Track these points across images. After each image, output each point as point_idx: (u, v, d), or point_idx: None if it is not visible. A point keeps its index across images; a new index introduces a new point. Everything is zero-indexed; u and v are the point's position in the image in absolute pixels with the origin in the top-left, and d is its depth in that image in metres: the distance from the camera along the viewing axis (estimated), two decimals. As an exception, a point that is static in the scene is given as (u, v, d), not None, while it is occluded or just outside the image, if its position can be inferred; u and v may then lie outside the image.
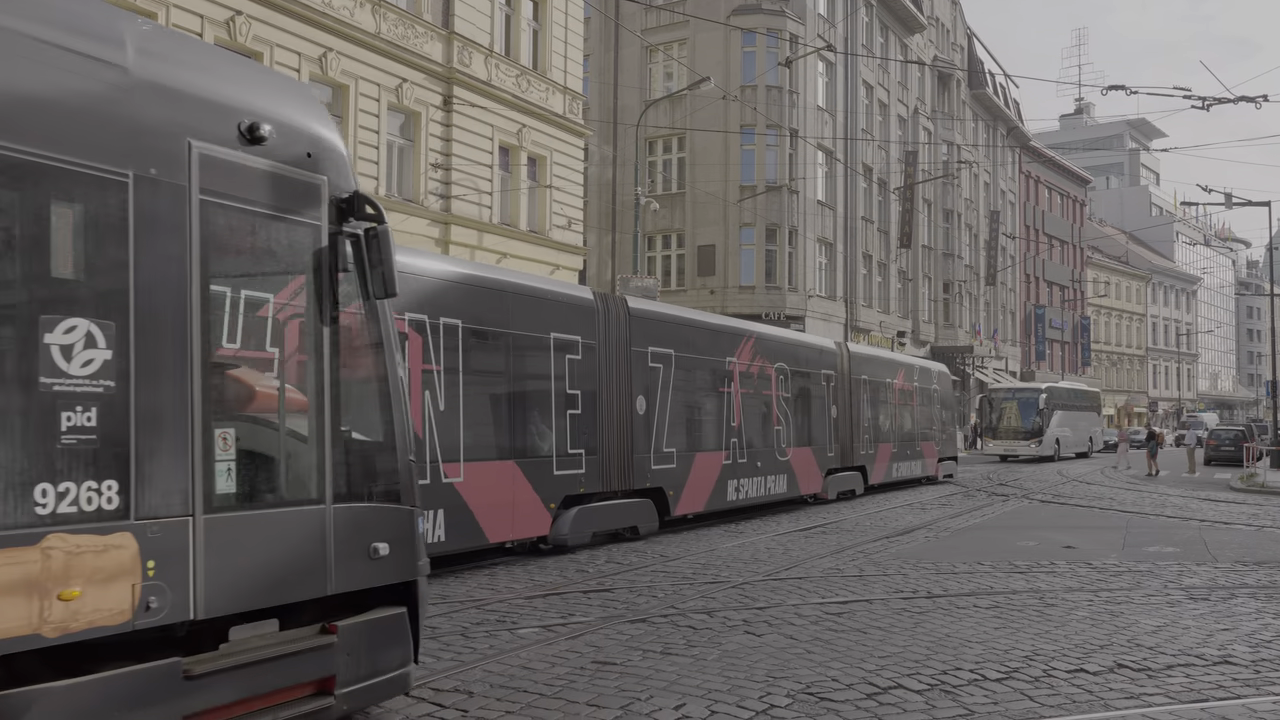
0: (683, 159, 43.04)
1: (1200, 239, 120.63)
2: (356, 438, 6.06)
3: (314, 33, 22.06)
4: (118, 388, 4.75)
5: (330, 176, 5.94)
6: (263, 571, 5.38)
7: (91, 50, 4.83)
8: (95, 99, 4.80)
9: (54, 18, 4.75)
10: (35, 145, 4.51)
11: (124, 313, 4.80)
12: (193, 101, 5.24)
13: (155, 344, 4.91)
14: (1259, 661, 8.11)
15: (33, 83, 4.57)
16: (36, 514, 4.41)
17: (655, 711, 6.77)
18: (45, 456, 4.47)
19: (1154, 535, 17.38)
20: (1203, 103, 22.68)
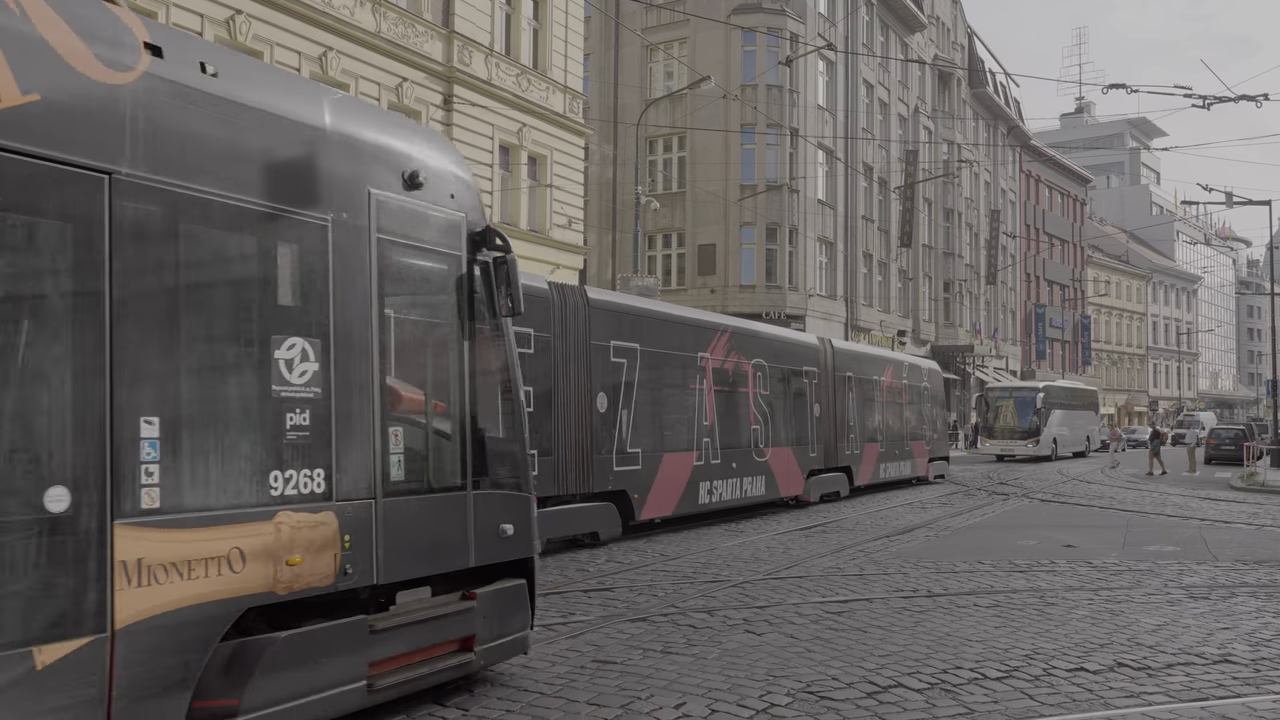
0: (683, 158, 43.05)
1: (1201, 238, 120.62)
2: (489, 435, 7.17)
3: (314, 32, 22.07)
4: (323, 394, 5.95)
5: (468, 213, 7.18)
6: (422, 545, 6.60)
7: (304, 118, 6.07)
8: (306, 158, 6.03)
9: (277, 93, 5.99)
10: (265, 198, 5.70)
11: (325, 333, 5.99)
12: (370, 155, 6.46)
13: (348, 358, 6.12)
14: (1259, 660, 8.12)
15: (266, 147, 5.76)
16: (271, 495, 5.63)
17: (656, 710, 6.77)
18: (276, 449, 5.68)
19: (1154, 534, 17.38)
20: (1203, 101, 22.67)
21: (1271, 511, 21.83)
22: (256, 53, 20.47)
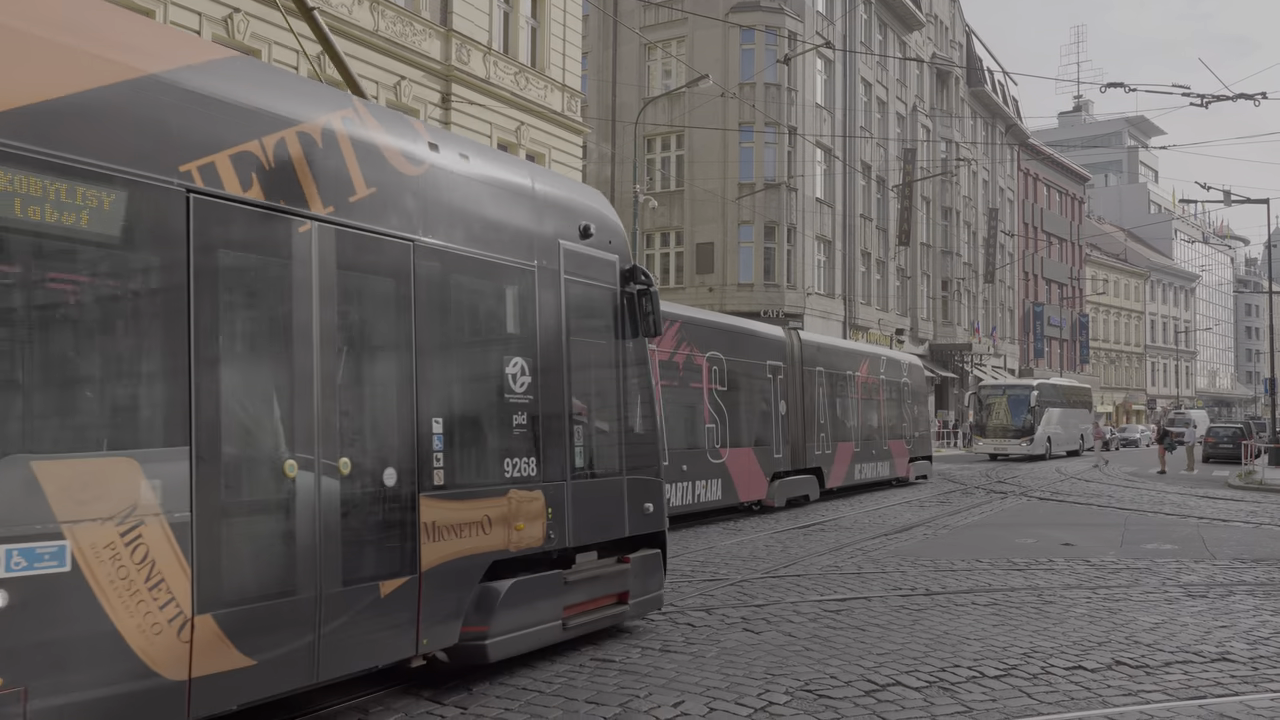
0: (681, 156, 43.07)
1: (1199, 236, 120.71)
2: (636, 432, 9.20)
3: (312, 30, 22.06)
4: (534, 400, 7.87)
5: (620, 255, 9.11)
6: (595, 518, 8.51)
7: (519, 187, 8.08)
8: (523, 219, 7.98)
9: (502, 167, 8.08)
10: (497, 251, 7.67)
11: (534, 353, 7.92)
12: (559, 213, 8.41)
13: (548, 372, 8.04)
14: (1257, 659, 8.12)
15: (497, 212, 7.73)
16: (505, 477, 7.56)
17: (654, 709, 6.78)
18: (508, 443, 7.63)
19: (1152, 533, 17.39)
20: (1201, 100, 22.66)
21: (1269, 510, 21.84)
22: (255, 51, 20.45)
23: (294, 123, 6.24)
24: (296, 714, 6.58)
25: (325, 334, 6.23)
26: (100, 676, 4.92)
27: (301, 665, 5.94)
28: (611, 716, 6.63)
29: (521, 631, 7.70)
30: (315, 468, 6.07)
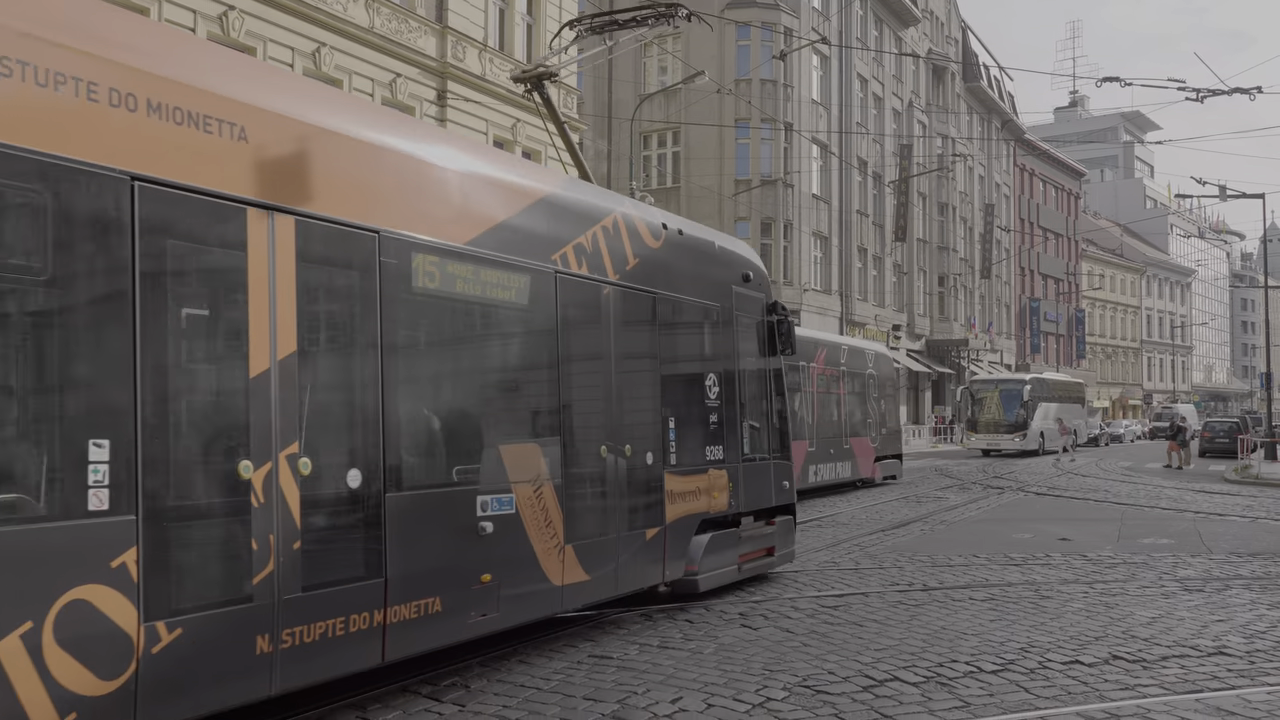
0: (677, 153, 43.05)
1: (1195, 231, 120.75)
2: (777, 426, 12.11)
3: (307, 28, 22.03)
4: (721, 404, 10.74)
5: (764, 293, 12.06)
6: (755, 491, 11.33)
7: (711, 247, 11.10)
8: (714, 272, 10.96)
9: (698, 230, 11.10)
10: (700, 297, 10.55)
11: (718, 370, 10.81)
12: (731, 265, 11.36)
13: (727, 383, 10.91)
14: (1253, 653, 8.14)
15: (700, 267, 10.66)
16: (706, 460, 10.40)
17: (652, 705, 6.78)
18: (707, 434, 10.48)
19: (1149, 527, 17.42)
20: (1197, 95, 22.66)
21: (1265, 504, 21.87)
22: (250, 49, 20.42)
23: (600, 218, 9.19)
24: (296, 711, 6.59)
25: (618, 363, 9.34)
26: (524, 577, 7.94)
27: (609, 581, 9.04)
28: (609, 713, 6.64)
29: (717, 571, 10.64)
30: (614, 451, 9.14)
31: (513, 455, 7.85)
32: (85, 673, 4.92)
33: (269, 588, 5.80)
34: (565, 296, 8.49)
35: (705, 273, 10.79)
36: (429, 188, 7.32)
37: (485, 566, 7.52)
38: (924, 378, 57.17)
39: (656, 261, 9.89)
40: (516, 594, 7.84)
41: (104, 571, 5.01)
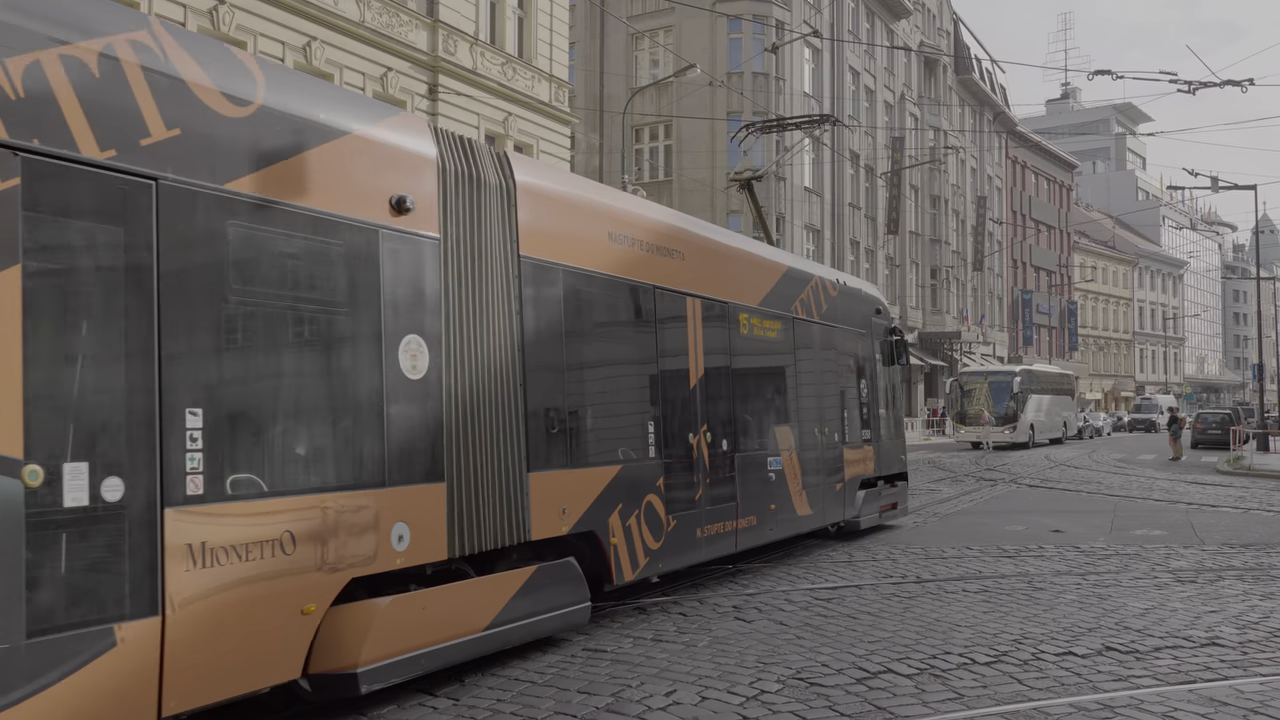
0: (669, 146, 43.02)
1: (1186, 223, 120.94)
2: (895, 416, 16.28)
3: (298, 21, 21.96)
4: (868, 402, 15.19)
5: (888, 320, 16.15)
6: (886, 462, 15.75)
7: (860, 293, 15.60)
8: (865, 309, 15.47)
9: (852, 283, 15.63)
10: (851, 325, 14.76)
11: (866, 376, 15.19)
12: (869, 302, 15.69)
13: (871, 386, 15.29)
14: (1246, 643, 8.16)
15: (852, 305, 15.07)
16: (861, 439, 14.85)
17: (646, 698, 6.78)
18: (862, 422, 14.91)
19: (1141, 519, 17.46)
20: (1189, 86, 22.69)
21: (1258, 495, 21.93)
22: (240, 43, 20.35)
23: (809, 281, 13.62)
24: (292, 705, 6.58)
25: (820, 373, 13.63)
26: (786, 508, 12.41)
27: (820, 516, 13.30)
28: (604, 706, 6.63)
29: (868, 516, 15.06)
30: (821, 432, 13.22)
31: (779, 434, 12.36)
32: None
33: (703, 500, 10.48)
34: (798, 332, 13.08)
35: (856, 309, 15.13)
36: (746, 273, 11.99)
37: (770, 500, 11.93)
38: (917, 370, 57.24)
39: (835, 305, 14.33)
40: (782, 518, 12.27)
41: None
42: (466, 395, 7.32)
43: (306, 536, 6.10)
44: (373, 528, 6.52)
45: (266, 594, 5.85)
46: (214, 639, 5.51)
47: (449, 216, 7.34)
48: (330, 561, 6.23)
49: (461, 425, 7.24)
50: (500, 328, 7.73)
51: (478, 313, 7.52)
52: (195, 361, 5.55)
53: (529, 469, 7.89)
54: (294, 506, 6.04)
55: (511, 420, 7.75)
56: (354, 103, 7.03)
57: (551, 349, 8.33)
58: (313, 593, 6.14)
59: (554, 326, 8.40)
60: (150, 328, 5.33)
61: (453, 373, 7.22)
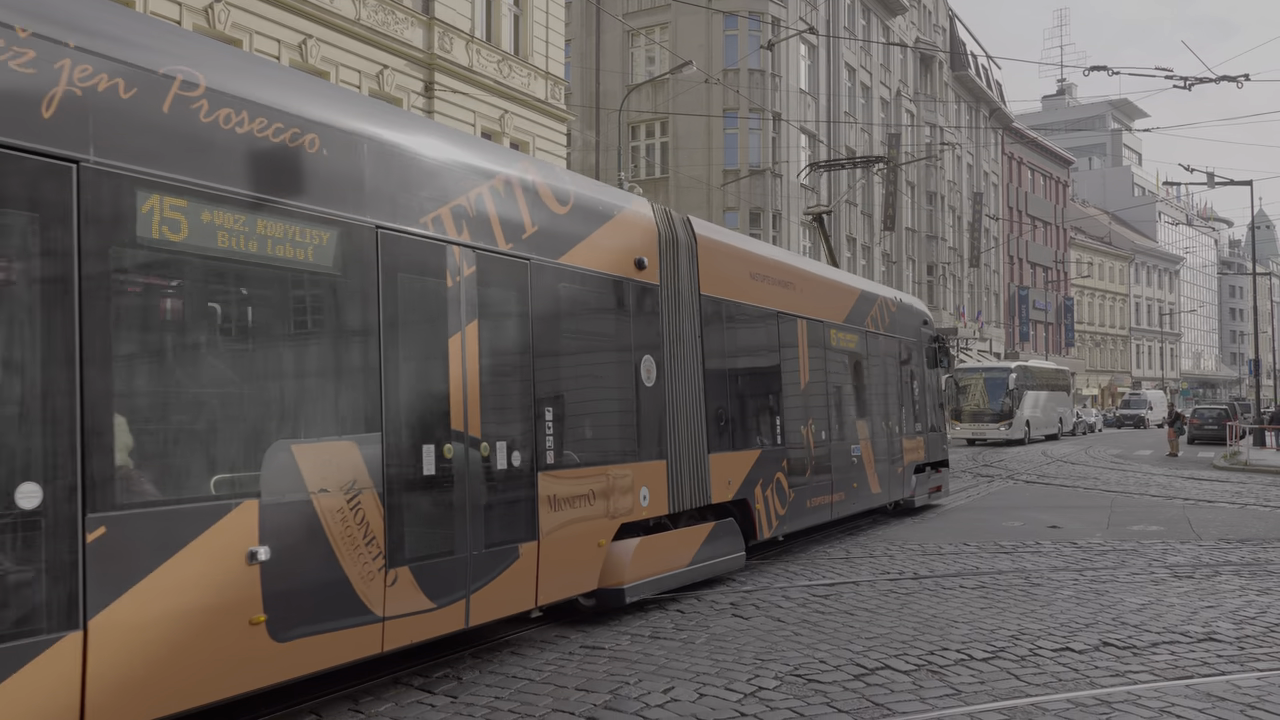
0: (665, 143, 42.98)
1: (1183, 219, 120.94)
2: (929, 410, 18.52)
3: (293, 19, 21.92)
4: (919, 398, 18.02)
5: (932, 329, 19.03)
6: (932, 449, 18.56)
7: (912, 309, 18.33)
8: (915, 322, 18.25)
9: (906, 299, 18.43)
10: (909, 336, 17.78)
11: (919, 378, 18.07)
12: (918, 314, 18.50)
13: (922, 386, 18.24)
14: (1243, 638, 8.17)
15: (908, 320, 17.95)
16: (915, 430, 17.63)
17: (644, 695, 6.78)
18: (915, 416, 17.73)
19: (1138, 514, 17.48)
20: (1185, 83, 22.69)
21: (1254, 490, 21.96)
22: (235, 41, 20.31)
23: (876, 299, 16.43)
24: (291, 704, 6.58)
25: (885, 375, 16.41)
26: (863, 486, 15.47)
27: (886, 494, 15.99)
28: (602, 704, 6.64)
29: (919, 496, 17.65)
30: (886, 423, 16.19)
31: (858, 426, 15.10)
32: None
33: (811, 478, 13.23)
34: (869, 343, 15.81)
35: (909, 322, 17.87)
36: (834, 297, 14.79)
37: (854, 479, 14.73)
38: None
39: (894, 319, 17.07)
40: (862, 495, 15.02)
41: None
42: (676, 398, 10.15)
43: (601, 493, 8.91)
44: (631, 489, 9.33)
45: (586, 530, 8.72)
46: (563, 558, 8.40)
47: (664, 269, 10.13)
48: (611, 511, 9.03)
49: (674, 419, 10.07)
50: (691, 348, 10.54)
51: (678, 337, 10.31)
52: (548, 384, 8.33)
53: (709, 451, 10.74)
54: (595, 474, 8.88)
55: (699, 416, 10.58)
56: (612, 192, 9.91)
57: (720, 362, 11.14)
58: (604, 531, 8.99)
59: (720, 346, 11.20)
60: (528, 355, 8.16)
61: (668, 382, 10.02)
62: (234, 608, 5.67)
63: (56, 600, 4.88)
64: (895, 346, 16.93)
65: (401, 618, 6.76)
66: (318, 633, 6.15)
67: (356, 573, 6.43)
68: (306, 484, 6.13)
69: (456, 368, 7.37)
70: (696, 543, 10.46)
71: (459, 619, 7.25)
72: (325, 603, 6.22)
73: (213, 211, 5.71)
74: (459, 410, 7.38)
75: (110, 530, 5.11)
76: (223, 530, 5.63)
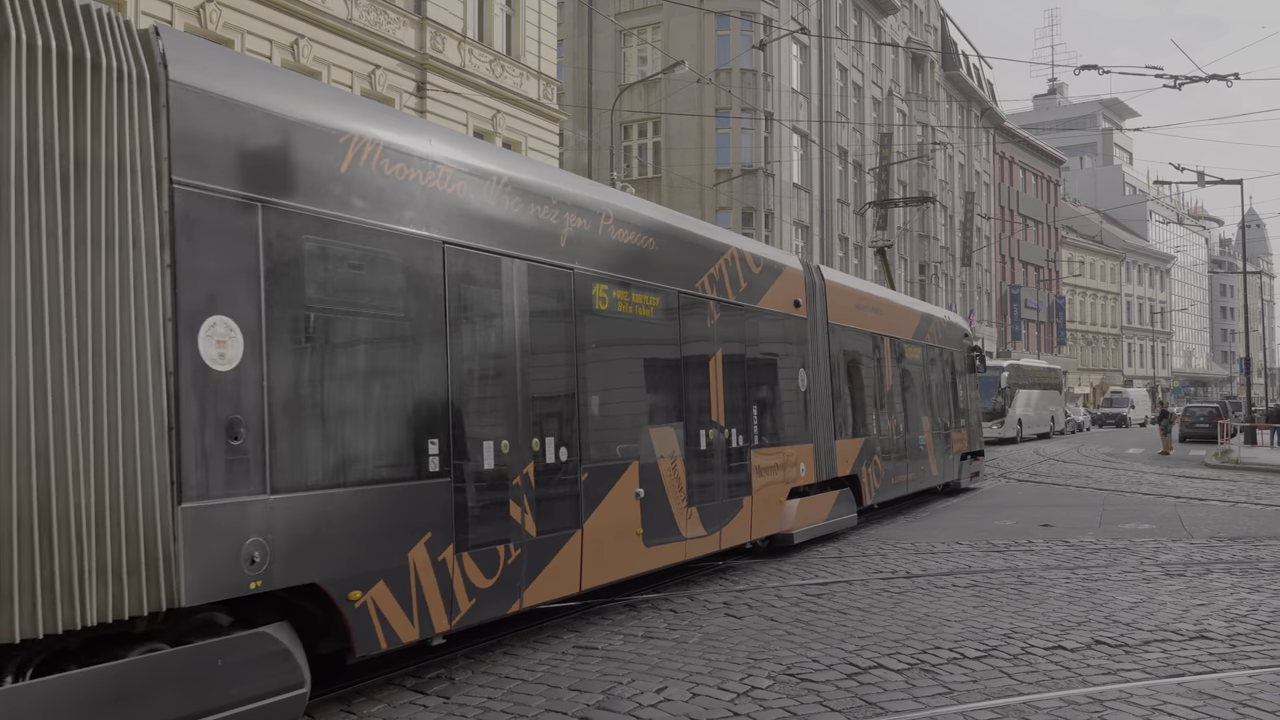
0: (658, 143, 42.95)
1: (1173, 217, 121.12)
2: (970, 407, 22.09)
3: (285, 19, 21.88)
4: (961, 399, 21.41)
5: (969, 340, 22.50)
6: (973, 440, 22.24)
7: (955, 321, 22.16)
8: (954, 335, 21.49)
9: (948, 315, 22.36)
10: (951, 346, 21.06)
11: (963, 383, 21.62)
12: (959, 328, 22.13)
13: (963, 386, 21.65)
14: (1234, 636, 8.19)
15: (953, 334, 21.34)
16: (960, 425, 21.15)
17: (637, 695, 6.79)
18: (961, 413, 21.20)
19: (1130, 512, 17.51)
20: (1175, 82, 22.72)
21: (1245, 488, 22.01)
22: (227, 41, 20.26)
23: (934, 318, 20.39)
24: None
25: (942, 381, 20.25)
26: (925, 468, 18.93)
27: (941, 476, 19.77)
28: (595, 704, 6.64)
29: (964, 479, 21.47)
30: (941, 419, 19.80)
31: (923, 420, 18.49)
32: None
33: (894, 460, 16.87)
34: (929, 353, 19.33)
35: (953, 334, 21.35)
36: (906, 319, 18.40)
37: (921, 463, 18.29)
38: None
39: (944, 333, 20.58)
40: (925, 476, 18.50)
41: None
42: (817, 399, 13.93)
43: (781, 465, 12.65)
44: (796, 464, 13.08)
45: (774, 491, 12.49)
46: (764, 509, 12.18)
47: (809, 306, 13.97)
48: (786, 478, 12.81)
49: (816, 414, 13.86)
50: (823, 362, 14.35)
51: (816, 355, 14.14)
52: (755, 389, 12.28)
53: (836, 438, 14.45)
54: (779, 452, 12.58)
55: (830, 412, 14.37)
56: (780, 254, 13.90)
57: (840, 372, 14.92)
58: (783, 492, 12.76)
59: (840, 360, 15.01)
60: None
61: (812, 387, 13.82)
62: (629, 523, 9.36)
63: (572, 512, 8.57)
64: (946, 356, 20.61)
65: (692, 539, 10.48)
66: (661, 543, 9.88)
67: (675, 508, 10.13)
68: (655, 452, 9.83)
69: (716, 381, 11.25)
70: (830, 504, 14.15)
71: (715, 544, 11.03)
72: (663, 525, 9.89)
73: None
74: (717, 408, 11.23)
75: (590, 476, 8.80)
76: (625, 478, 9.34)
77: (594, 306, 9.02)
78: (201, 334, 5.51)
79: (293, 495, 5.93)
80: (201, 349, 5.50)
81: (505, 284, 7.90)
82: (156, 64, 5.47)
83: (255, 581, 5.71)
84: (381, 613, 6.53)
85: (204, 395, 5.51)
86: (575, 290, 8.74)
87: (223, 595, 5.57)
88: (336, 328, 6.36)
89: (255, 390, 5.77)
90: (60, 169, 4.96)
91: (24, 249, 4.79)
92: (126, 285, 5.15)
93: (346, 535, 6.27)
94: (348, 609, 6.28)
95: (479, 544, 7.31)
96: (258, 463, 5.74)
